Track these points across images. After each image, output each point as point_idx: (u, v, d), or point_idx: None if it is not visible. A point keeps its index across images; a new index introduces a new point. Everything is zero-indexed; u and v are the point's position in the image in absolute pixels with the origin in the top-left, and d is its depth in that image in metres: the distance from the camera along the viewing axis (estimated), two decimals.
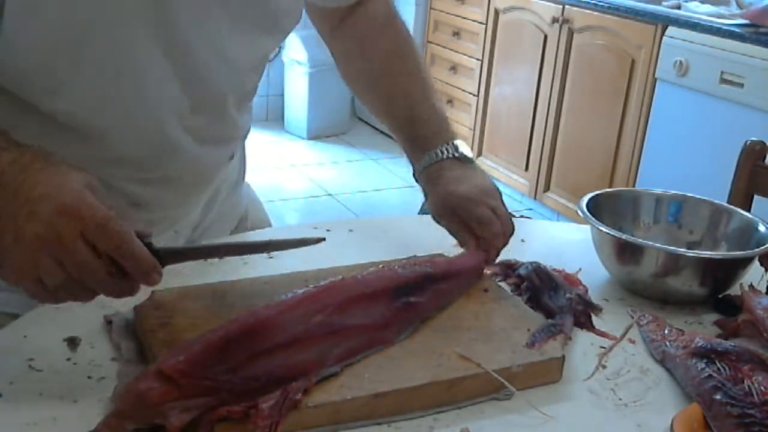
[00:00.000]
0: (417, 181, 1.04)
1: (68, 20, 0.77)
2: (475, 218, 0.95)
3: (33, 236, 0.66)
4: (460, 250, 0.98)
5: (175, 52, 0.85)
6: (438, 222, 1.01)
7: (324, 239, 0.88)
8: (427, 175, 1.01)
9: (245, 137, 1.10)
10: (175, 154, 0.92)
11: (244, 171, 1.18)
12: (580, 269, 1.01)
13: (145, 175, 0.93)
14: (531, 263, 0.99)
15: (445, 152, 1.01)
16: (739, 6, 2.87)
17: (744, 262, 0.98)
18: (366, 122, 4.62)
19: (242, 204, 1.19)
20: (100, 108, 0.84)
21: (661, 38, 2.72)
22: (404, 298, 0.85)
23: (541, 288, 0.96)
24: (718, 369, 0.78)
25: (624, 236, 0.99)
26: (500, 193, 1.00)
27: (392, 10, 1.14)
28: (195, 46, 0.86)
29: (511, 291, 0.97)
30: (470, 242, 0.96)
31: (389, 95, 1.09)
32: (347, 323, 0.79)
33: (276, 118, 4.45)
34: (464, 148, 1.02)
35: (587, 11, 3.02)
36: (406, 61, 1.11)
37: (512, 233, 0.98)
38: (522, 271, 0.99)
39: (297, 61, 4.14)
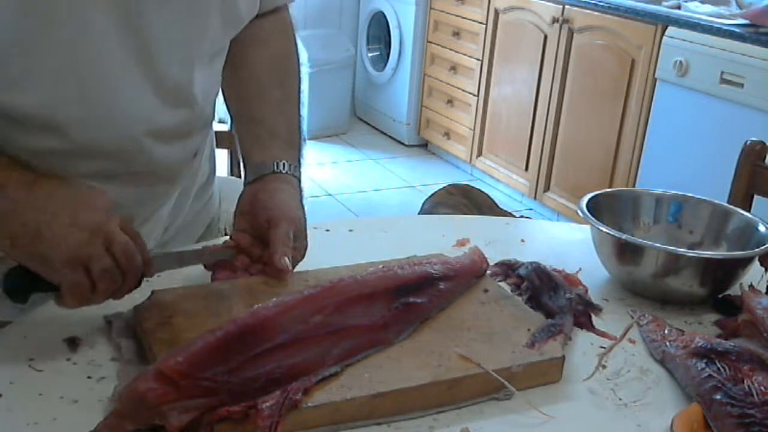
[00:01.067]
0: (245, 169, 1.02)
1: (27, 10, 0.76)
2: (275, 234, 0.91)
3: (90, 222, 0.77)
4: (460, 251, 0.98)
5: (136, 41, 0.84)
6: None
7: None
8: (258, 180, 0.99)
9: (208, 132, 1.09)
10: (138, 147, 0.91)
11: (214, 172, 1.18)
12: (580, 269, 1.01)
13: (109, 170, 0.91)
14: (531, 263, 0.99)
15: (284, 167, 1.00)
16: (739, 6, 2.87)
17: (744, 262, 0.98)
18: (366, 122, 4.62)
19: (213, 204, 1.19)
20: (58, 102, 0.83)
21: (661, 38, 2.72)
22: (404, 299, 0.85)
23: (541, 288, 0.96)
24: (718, 369, 0.78)
25: (624, 236, 0.99)
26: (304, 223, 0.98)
27: (284, 26, 1.12)
28: (154, 33, 0.86)
29: (511, 291, 0.97)
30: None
31: (247, 95, 1.07)
32: (347, 323, 0.79)
33: None
34: (298, 171, 1.02)
35: (587, 11, 3.02)
36: (286, 74, 1.10)
37: (289, 245, 0.92)
38: (522, 271, 0.99)
39: None
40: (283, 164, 1.00)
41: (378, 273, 0.88)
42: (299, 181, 1.03)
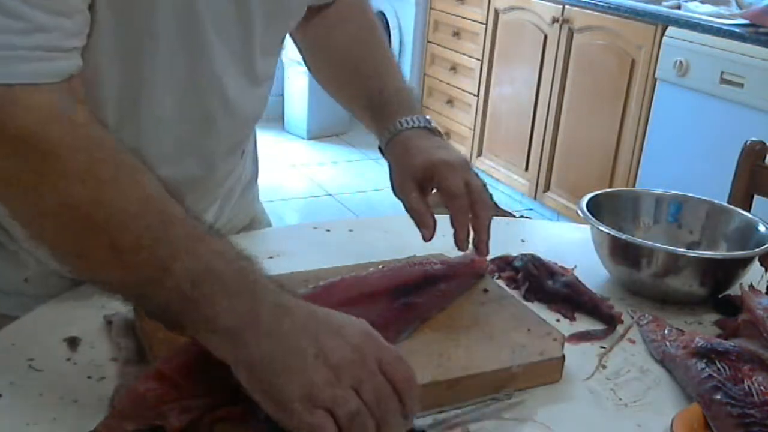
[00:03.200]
0: (383, 153, 1.00)
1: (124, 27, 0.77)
2: (447, 188, 0.91)
3: (340, 357, 0.63)
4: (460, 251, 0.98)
5: (199, 61, 0.85)
6: (398, 196, 0.97)
7: None
8: (396, 143, 0.97)
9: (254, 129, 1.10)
10: (197, 155, 0.92)
11: (257, 171, 1.17)
12: (575, 266, 1.01)
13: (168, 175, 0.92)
14: (525, 255, 1.00)
15: (416, 122, 0.97)
16: (739, 6, 2.87)
17: (744, 262, 0.98)
18: None
19: (255, 203, 1.19)
20: (130, 116, 0.84)
21: (661, 38, 2.72)
22: (404, 299, 0.85)
23: (539, 276, 0.98)
24: (718, 369, 0.78)
25: (624, 236, 0.99)
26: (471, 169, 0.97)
27: (362, 4, 1.12)
28: (214, 53, 0.86)
29: (508, 285, 0.98)
30: (460, 235, 0.94)
31: (355, 74, 1.06)
32: None
33: (276, 118, 4.45)
34: (433, 124, 0.99)
35: (587, 11, 3.02)
36: (372, 46, 1.09)
37: (489, 210, 0.94)
38: (518, 263, 1.00)
39: (297, 61, 4.13)
40: (415, 118, 0.97)
41: (378, 273, 0.88)
42: (434, 129, 0.99)
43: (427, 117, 0.99)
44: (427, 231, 0.92)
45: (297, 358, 0.62)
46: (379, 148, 1.01)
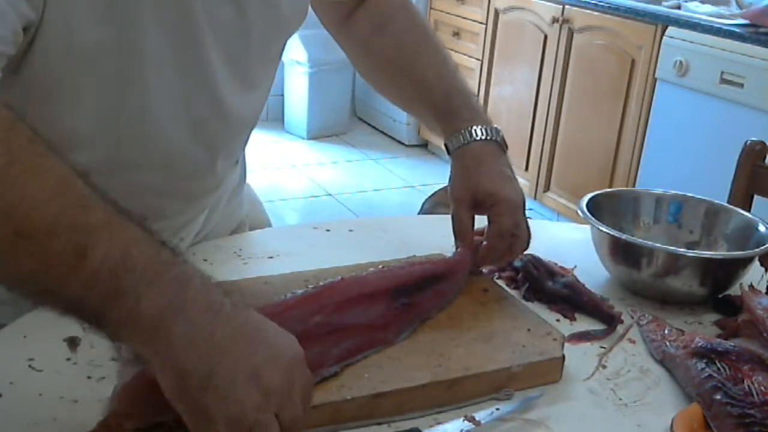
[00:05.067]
0: (448, 151, 0.99)
1: (103, 38, 0.75)
2: (499, 227, 0.93)
3: (272, 384, 0.61)
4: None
5: (194, 68, 0.84)
6: (451, 200, 0.96)
7: None
8: (466, 153, 0.96)
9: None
10: (188, 165, 0.91)
11: (245, 175, 1.17)
12: (575, 266, 1.01)
13: (161, 187, 0.91)
14: (525, 255, 1.00)
15: (489, 133, 0.96)
16: (739, 6, 2.87)
17: (744, 262, 0.98)
18: (366, 122, 4.62)
19: (243, 207, 1.18)
20: (112, 121, 0.82)
21: (661, 38, 2.72)
22: (404, 299, 0.85)
23: (539, 276, 0.98)
24: (718, 369, 0.78)
25: (624, 236, 0.99)
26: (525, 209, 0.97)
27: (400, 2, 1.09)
28: (210, 60, 0.85)
29: (508, 285, 0.98)
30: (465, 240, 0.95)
31: (415, 71, 1.03)
32: (347, 323, 0.79)
33: (276, 118, 4.45)
34: (501, 134, 0.98)
35: (587, 11, 3.02)
36: (426, 39, 1.06)
37: (522, 250, 0.96)
38: (518, 263, 1.00)
39: (297, 61, 4.14)
40: (490, 129, 0.96)
41: (378, 273, 0.88)
42: (498, 142, 0.97)
43: (498, 128, 0.98)
44: (463, 248, 0.95)
45: (229, 377, 0.60)
46: (445, 145, 1.00)
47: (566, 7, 3.11)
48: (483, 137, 0.96)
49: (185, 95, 0.85)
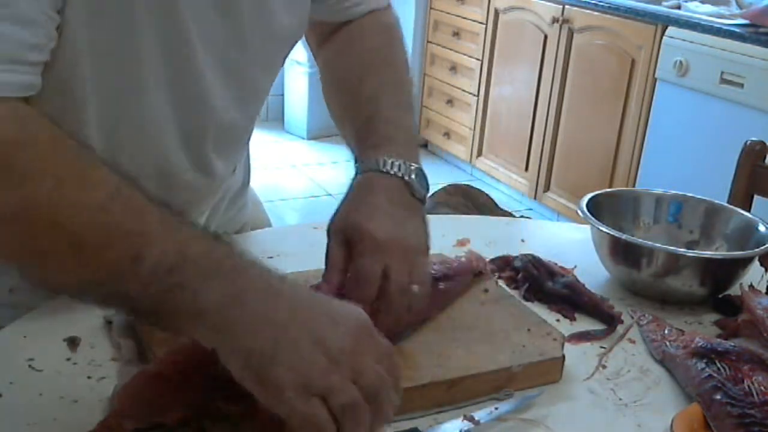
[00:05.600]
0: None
1: (93, 38, 0.75)
2: (355, 267, 0.79)
3: (338, 347, 0.62)
4: (461, 251, 0.98)
5: (185, 75, 0.83)
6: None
7: None
8: (359, 182, 0.87)
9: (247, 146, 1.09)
10: (183, 174, 0.91)
11: (249, 178, 1.16)
12: (575, 266, 1.01)
13: (156, 194, 0.90)
14: (525, 255, 1.00)
15: (398, 167, 0.85)
16: (739, 6, 2.87)
17: (744, 262, 0.98)
18: None
19: (247, 209, 1.17)
20: (112, 128, 0.82)
21: (661, 38, 2.72)
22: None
23: (540, 277, 0.98)
24: (718, 369, 0.78)
25: (624, 236, 0.99)
26: (427, 255, 0.83)
27: (387, 21, 1.04)
28: (203, 68, 0.84)
29: (508, 285, 0.98)
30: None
31: (350, 98, 0.97)
32: None
33: (276, 118, 4.45)
34: (421, 178, 0.87)
35: (587, 11, 3.02)
36: (376, 69, 0.98)
37: (408, 314, 0.79)
38: (518, 264, 1.00)
39: (297, 61, 4.14)
40: (378, 160, 0.85)
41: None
42: (412, 186, 0.85)
43: (416, 167, 0.87)
44: (326, 285, 0.80)
45: (293, 346, 0.61)
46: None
47: (566, 7, 3.11)
48: (386, 170, 0.85)
49: (179, 105, 0.85)
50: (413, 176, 0.86)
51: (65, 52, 0.73)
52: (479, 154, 3.76)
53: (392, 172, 0.86)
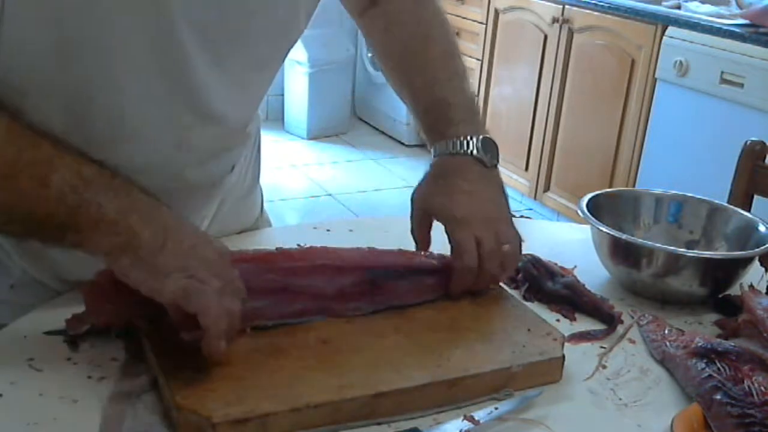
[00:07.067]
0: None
1: (61, 32, 0.74)
2: (455, 241, 0.90)
3: (205, 257, 0.76)
4: None
5: (174, 70, 0.81)
6: (411, 208, 0.97)
7: None
8: (435, 165, 0.95)
9: (246, 146, 1.07)
10: (172, 168, 0.90)
11: (258, 177, 1.15)
12: (575, 266, 1.01)
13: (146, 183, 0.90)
14: (525, 255, 1.00)
15: (466, 145, 0.94)
16: (739, 6, 2.87)
17: (744, 262, 0.98)
18: (366, 122, 4.62)
19: (256, 209, 1.16)
20: (80, 120, 0.80)
21: (661, 38, 2.72)
22: (376, 279, 0.86)
23: (540, 277, 0.98)
24: (718, 369, 0.78)
25: (624, 236, 0.99)
26: (509, 218, 0.94)
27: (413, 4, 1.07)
28: (195, 63, 0.83)
29: (508, 285, 0.98)
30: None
31: (414, 76, 1.03)
32: (299, 286, 0.83)
33: (276, 118, 4.45)
34: (489, 147, 0.95)
35: (587, 11, 3.02)
36: (435, 44, 1.04)
37: (504, 272, 0.92)
38: (517, 264, 1.00)
39: (297, 61, 4.14)
40: (466, 142, 0.93)
41: (360, 251, 0.89)
42: (482, 160, 0.94)
43: (482, 138, 0.95)
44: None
45: (177, 244, 0.74)
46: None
47: (566, 7, 3.11)
48: (456, 151, 0.94)
49: (166, 98, 0.83)
50: (481, 149, 0.94)
51: (16, 41, 0.73)
52: None
53: (462, 152, 0.94)
